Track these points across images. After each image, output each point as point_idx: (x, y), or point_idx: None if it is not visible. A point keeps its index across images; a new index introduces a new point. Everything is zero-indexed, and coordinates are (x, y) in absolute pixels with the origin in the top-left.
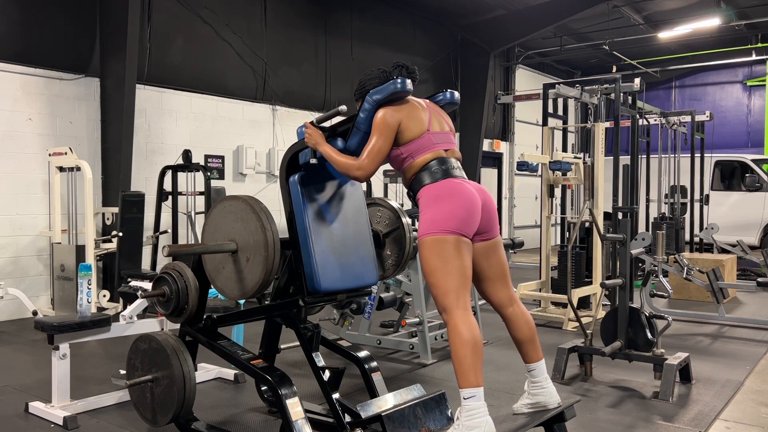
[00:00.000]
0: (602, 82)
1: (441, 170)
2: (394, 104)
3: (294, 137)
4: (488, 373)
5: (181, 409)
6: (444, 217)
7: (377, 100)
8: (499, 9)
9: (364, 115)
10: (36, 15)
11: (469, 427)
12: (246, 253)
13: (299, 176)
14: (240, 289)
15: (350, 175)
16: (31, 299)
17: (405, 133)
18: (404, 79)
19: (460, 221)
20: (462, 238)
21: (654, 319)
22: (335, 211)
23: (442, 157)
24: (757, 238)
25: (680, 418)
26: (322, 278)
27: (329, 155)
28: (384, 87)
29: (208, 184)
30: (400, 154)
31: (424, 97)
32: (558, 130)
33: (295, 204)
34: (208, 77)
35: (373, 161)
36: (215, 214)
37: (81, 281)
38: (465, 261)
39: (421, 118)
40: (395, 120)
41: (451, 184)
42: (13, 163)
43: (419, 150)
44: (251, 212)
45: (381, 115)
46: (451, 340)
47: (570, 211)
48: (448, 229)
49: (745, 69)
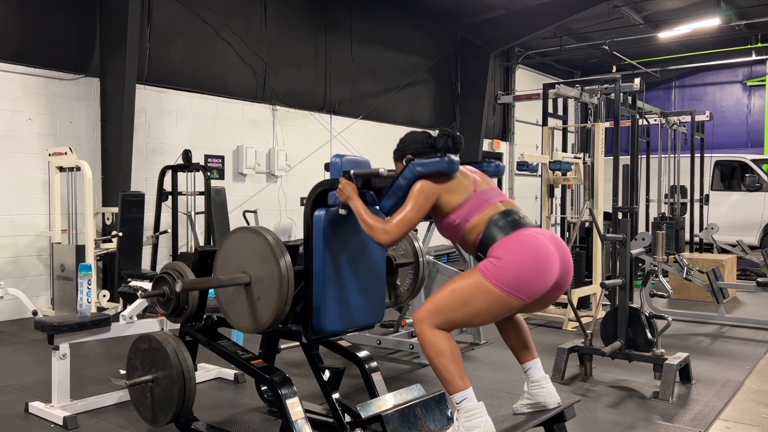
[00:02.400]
0: (602, 82)
1: (508, 222)
2: (436, 178)
3: (294, 137)
4: (488, 373)
5: (181, 409)
6: (512, 272)
7: (420, 173)
8: (499, 9)
9: (404, 183)
10: (36, 15)
11: (468, 428)
12: (258, 291)
13: (325, 212)
14: (253, 323)
15: (375, 238)
16: (31, 299)
17: (447, 204)
18: (452, 159)
19: (525, 284)
20: (511, 300)
21: (654, 319)
22: (353, 247)
23: (503, 210)
24: (757, 238)
25: (680, 418)
26: (328, 320)
27: (359, 212)
28: (430, 162)
29: (208, 184)
30: (452, 221)
31: (466, 162)
32: (558, 130)
33: (315, 239)
34: (208, 77)
35: (401, 230)
36: (231, 242)
37: (81, 281)
38: (488, 319)
39: (464, 185)
40: (434, 193)
41: (528, 237)
42: (13, 163)
43: (474, 210)
44: (270, 252)
45: (419, 186)
46: (426, 352)
47: (570, 211)
48: (503, 286)
49: (745, 69)
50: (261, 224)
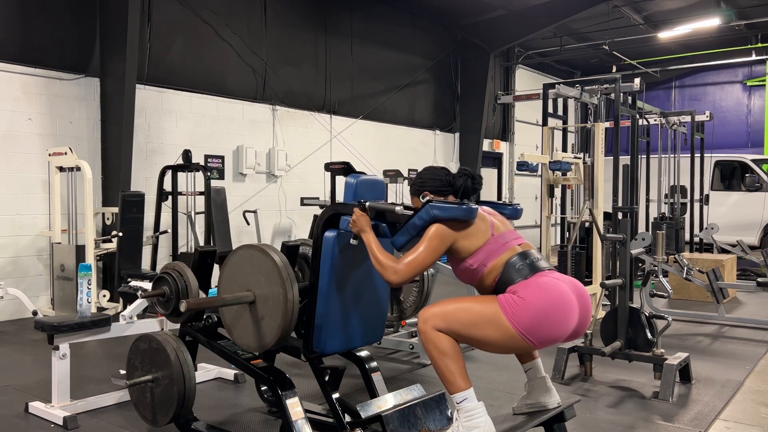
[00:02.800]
0: (602, 82)
1: (526, 265)
2: (453, 224)
3: (294, 137)
4: (488, 373)
5: (181, 409)
6: (531, 315)
7: (437, 216)
8: (499, 9)
9: (420, 224)
10: (36, 15)
11: (468, 428)
12: (263, 310)
13: (336, 234)
14: (257, 342)
15: (384, 276)
16: (31, 299)
17: (466, 249)
18: (470, 208)
19: (539, 328)
20: (522, 342)
21: (654, 319)
22: (359, 270)
23: (520, 252)
24: (757, 238)
25: (680, 418)
26: (328, 341)
27: (371, 247)
28: (448, 208)
29: (208, 184)
30: (470, 266)
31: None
32: (558, 130)
33: (323, 260)
34: (208, 77)
35: (411, 272)
36: (237, 259)
37: (81, 281)
38: (493, 349)
39: (481, 229)
40: (450, 238)
41: (550, 285)
42: (13, 163)
43: (491, 254)
44: (276, 273)
45: (434, 230)
46: (429, 351)
47: (570, 211)
48: (519, 326)
49: (745, 69)
50: (261, 224)
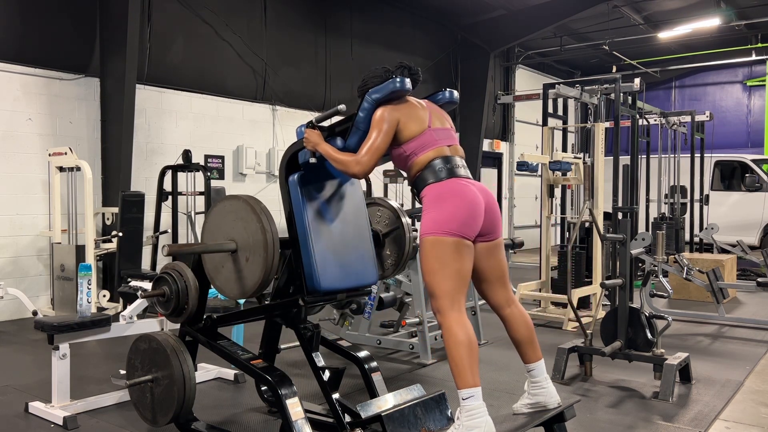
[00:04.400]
0: (602, 82)
1: (445, 169)
2: (393, 103)
3: (294, 136)
4: (488, 373)
5: (181, 409)
6: (446, 218)
7: (376, 99)
8: (499, 9)
9: (363, 114)
10: (36, 15)
11: (469, 427)
12: (245, 253)
13: (299, 176)
14: (239, 288)
15: (348, 171)
16: (31, 299)
17: (405, 131)
18: (403, 78)
19: (462, 223)
20: (463, 241)
21: (654, 319)
22: (335, 210)
23: (446, 156)
24: (757, 238)
25: (680, 418)
26: (321, 278)
27: (328, 153)
28: (383, 86)
29: (208, 184)
30: (402, 152)
31: (422, 97)
32: (558, 130)
33: (294, 203)
34: (208, 77)
35: (371, 158)
36: (215, 213)
37: (81, 281)
38: (464, 264)
39: (420, 116)
40: (394, 118)
41: (455, 185)
42: (13, 163)
43: (422, 147)
44: (251, 212)
45: (380, 113)
46: (446, 341)
47: (570, 211)
48: (448, 231)
49: (745, 69)
50: None
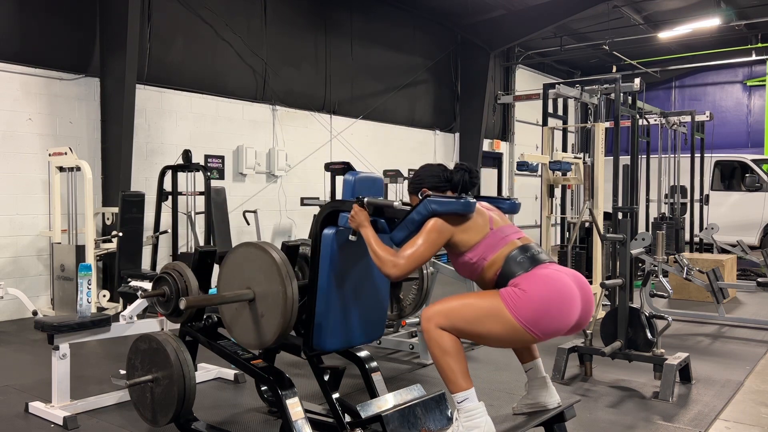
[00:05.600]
0: (602, 82)
1: (527, 258)
2: (451, 218)
3: (294, 137)
4: (488, 373)
5: (181, 409)
6: (534, 308)
7: (435, 210)
8: (499, 9)
9: (418, 218)
10: (36, 15)
11: (468, 428)
12: (263, 307)
13: (335, 231)
14: (257, 339)
15: (384, 270)
16: (31, 299)
17: (463, 243)
18: (468, 202)
19: (544, 322)
20: (526, 335)
21: (654, 319)
22: (359, 267)
23: (520, 246)
24: (757, 238)
25: (680, 418)
26: (328, 338)
27: (369, 241)
28: (446, 203)
29: (208, 184)
30: (469, 260)
31: (482, 198)
32: (558, 130)
33: (322, 258)
34: (208, 77)
35: (410, 265)
36: (236, 256)
37: (81, 281)
38: (497, 344)
39: (479, 224)
40: (448, 232)
41: (552, 277)
42: (13, 163)
43: (491, 248)
44: (275, 269)
45: (433, 224)
46: (431, 351)
47: (570, 211)
48: (522, 319)
49: (745, 69)
50: (261, 224)
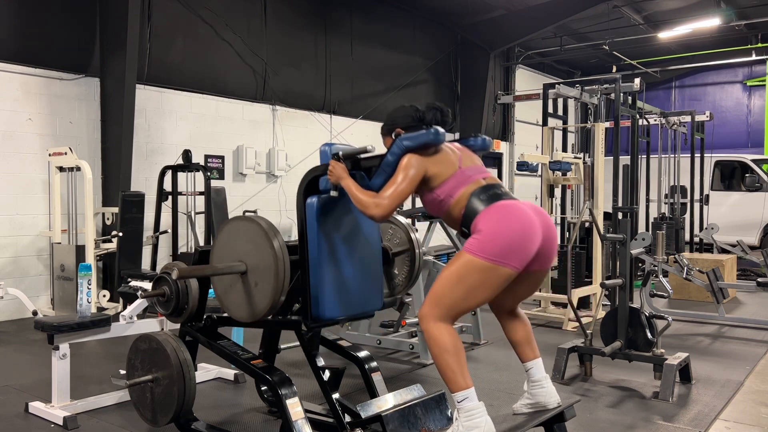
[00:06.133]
0: (602, 82)
1: (489, 195)
2: (423, 151)
3: (294, 137)
4: (488, 373)
5: (181, 409)
6: (496, 241)
7: (407, 146)
8: (499, 9)
9: (392, 159)
10: (36, 15)
11: (468, 428)
12: (255, 277)
13: (318, 199)
14: (249, 311)
15: (367, 212)
16: (31, 299)
17: (435, 177)
18: (438, 130)
19: (511, 250)
20: (502, 269)
21: (654, 319)
22: (348, 234)
23: (485, 185)
24: (757, 238)
25: (680, 418)
26: (327, 306)
27: (350, 190)
28: (417, 136)
29: (208, 184)
30: (436, 197)
31: (453, 140)
32: (558, 130)
33: (309, 227)
34: (208, 77)
35: (392, 202)
36: (226, 231)
37: (81, 281)
38: (485, 295)
39: (450, 160)
40: (421, 166)
41: (508, 206)
42: (13, 163)
43: (456, 186)
44: (264, 237)
45: (407, 159)
46: (431, 349)
47: (570, 211)
48: (491, 256)
49: (745, 69)
50: None
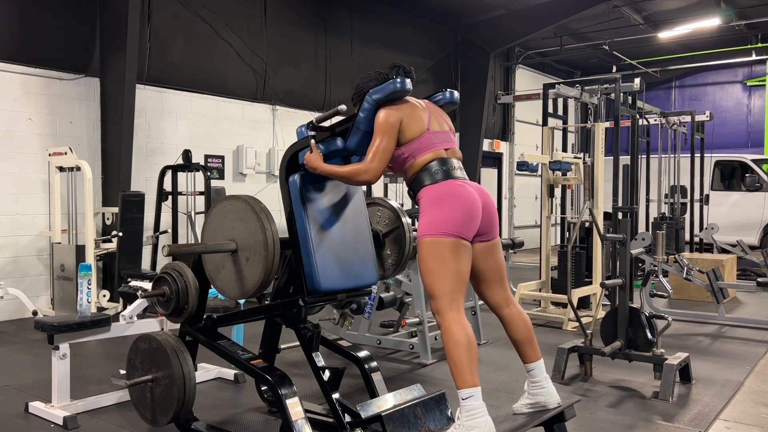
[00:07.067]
0: (602, 82)
1: (441, 171)
2: (394, 104)
3: (294, 136)
4: (488, 373)
5: (181, 409)
6: (443, 219)
7: (377, 99)
8: (499, 9)
9: (364, 115)
10: (36, 15)
11: (469, 427)
12: (246, 253)
13: (299, 176)
14: (240, 288)
15: (359, 179)
16: (31, 299)
17: (405, 132)
18: (403, 78)
19: (460, 224)
20: (460, 241)
21: (654, 319)
22: (335, 210)
23: (443, 158)
24: (757, 238)
25: (680, 418)
26: (321, 278)
27: (333, 172)
28: (383, 87)
29: (208, 184)
30: (401, 154)
31: (422, 98)
32: (558, 130)
33: (294, 203)
34: (208, 77)
35: (380, 161)
36: (215, 213)
37: (81, 281)
38: (462, 264)
39: (421, 117)
40: (396, 119)
41: (451, 186)
42: (13, 163)
43: (420, 149)
44: (251, 212)
45: (383, 115)
46: (445, 342)
47: (570, 211)
48: (446, 232)
49: (745, 69)
50: None
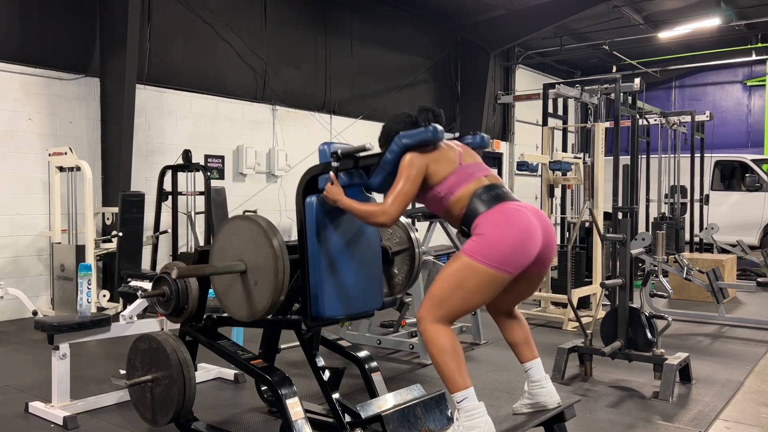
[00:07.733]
0: (602, 82)
1: (491, 196)
2: (423, 149)
3: (294, 137)
4: (488, 373)
5: (181, 409)
6: (498, 247)
7: (406, 144)
8: (499, 9)
9: (391, 157)
10: (36, 15)
11: (468, 428)
12: (255, 276)
13: (317, 199)
14: (248, 310)
15: (375, 221)
16: (31, 299)
17: (436, 174)
18: (436, 127)
19: (509, 255)
20: (500, 274)
21: (654, 319)
22: (348, 233)
23: (487, 185)
24: (757, 238)
25: (680, 418)
26: (327, 305)
27: (352, 207)
28: (415, 133)
29: (208, 184)
30: (437, 194)
31: (451, 138)
32: (558, 130)
33: (308, 225)
34: (208, 77)
35: (399, 206)
36: (225, 232)
37: (81, 281)
38: (484, 298)
39: (450, 157)
40: (423, 164)
41: (510, 210)
42: (13, 163)
43: (458, 183)
44: (263, 236)
45: (408, 159)
46: (430, 351)
47: (570, 211)
48: (490, 261)
49: (745, 69)
50: None
